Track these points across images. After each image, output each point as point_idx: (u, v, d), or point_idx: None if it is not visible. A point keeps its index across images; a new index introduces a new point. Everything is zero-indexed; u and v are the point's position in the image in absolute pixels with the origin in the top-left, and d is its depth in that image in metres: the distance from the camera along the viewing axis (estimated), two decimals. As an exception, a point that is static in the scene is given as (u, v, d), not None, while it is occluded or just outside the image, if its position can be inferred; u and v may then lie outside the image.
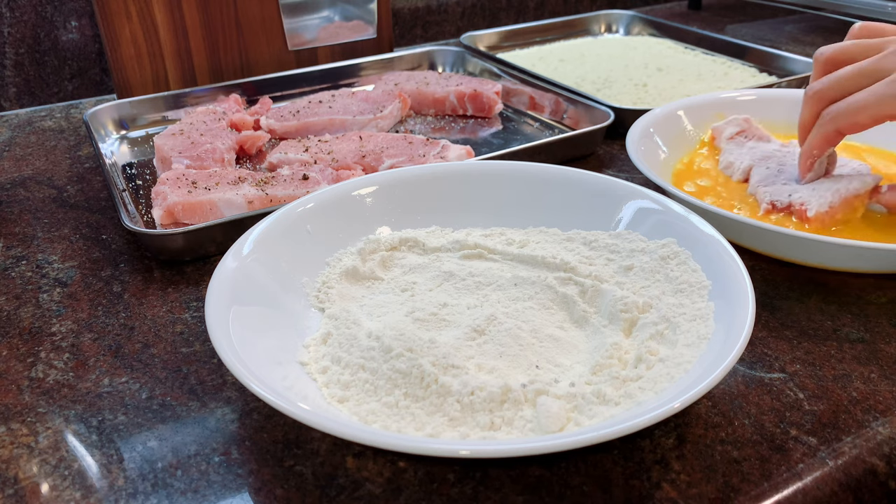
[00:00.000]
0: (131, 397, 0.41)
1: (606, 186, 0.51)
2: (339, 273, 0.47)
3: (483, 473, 0.35)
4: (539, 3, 1.23)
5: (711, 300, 0.40)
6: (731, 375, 0.41)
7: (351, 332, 0.41)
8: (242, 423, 0.39)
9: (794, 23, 1.19)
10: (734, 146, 0.63)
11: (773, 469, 0.35)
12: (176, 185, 0.57)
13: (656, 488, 0.34)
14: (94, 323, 0.47)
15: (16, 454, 0.37)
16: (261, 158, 0.70)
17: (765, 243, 0.50)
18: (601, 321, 0.42)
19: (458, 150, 0.65)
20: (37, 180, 0.67)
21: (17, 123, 0.80)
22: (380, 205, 0.52)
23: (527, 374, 0.38)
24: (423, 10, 1.11)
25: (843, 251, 0.47)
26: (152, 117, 0.77)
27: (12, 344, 0.45)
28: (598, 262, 0.46)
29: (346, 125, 0.73)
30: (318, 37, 0.91)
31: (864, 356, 0.43)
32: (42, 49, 0.87)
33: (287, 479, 0.35)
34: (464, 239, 0.49)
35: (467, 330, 0.40)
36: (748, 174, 0.59)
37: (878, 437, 0.37)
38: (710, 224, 0.45)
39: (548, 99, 0.78)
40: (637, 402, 0.35)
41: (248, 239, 0.45)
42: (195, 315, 0.47)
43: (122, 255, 0.54)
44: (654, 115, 0.63)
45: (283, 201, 0.56)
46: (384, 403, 0.36)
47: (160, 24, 0.81)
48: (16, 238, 0.57)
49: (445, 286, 0.46)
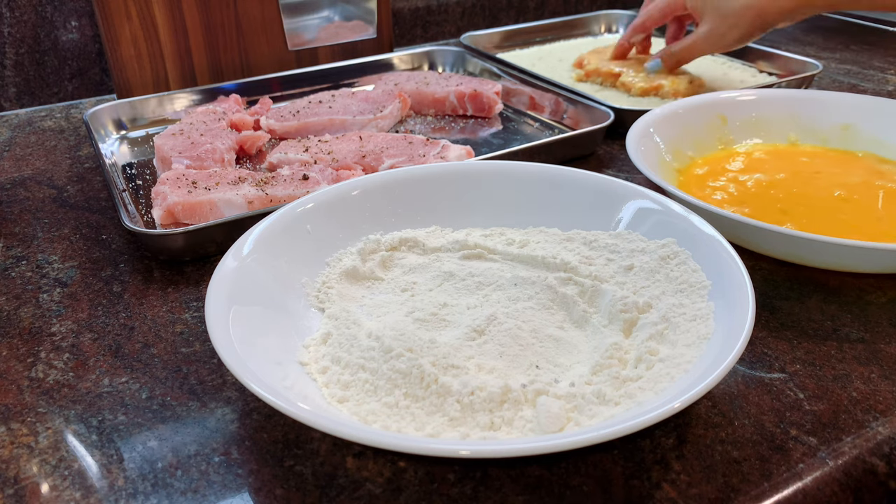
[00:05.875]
0: (131, 397, 0.41)
1: (606, 186, 0.51)
2: (339, 273, 0.47)
3: (483, 473, 0.35)
4: (539, 3, 1.23)
5: (711, 300, 0.40)
6: (731, 375, 0.41)
7: (351, 332, 0.41)
8: (242, 423, 0.39)
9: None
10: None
11: (773, 469, 0.35)
12: (176, 185, 0.57)
13: (656, 488, 0.34)
14: (94, 323, 0.47)
15: (16, 454, 0.37)
16: (261, 158, 0.70)
17: (765, 243, 0.50)
18: (601, 321, 0.42)
19: (458, 150, 0.65)
20: (37, 180, 0.67)
21: (17, 123, 0.80)
22: (380, 205, 0.52)
23: (527, 375, 0.38)
24: (423, 10, 1.11)
25: (843, 251, 0.47)
26: (152, 117, 0.77)
27: (12, 344, 0.45)
28: (598, 262, 0.46)
29: (346, 125, 0.73)
30: (318, 37, 0.91)
31: (864, 356, 0.43)
32: (42, 49, 0.87)
33: (287, 479, 0.35)
34: (464, 239, 0.49)
35: (467, 330, 0.40)
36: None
37: (878, 437, 0.37)
38: (710, 224, 0.45)
39: (548, 99, 0.78)
40: (637, 402, 0.35)
41: (248, 239, 0.45)
42: (195, 315, 0.47)
43: (122, 255, 0.54)
44: (654, 115, 0.63)
45: (283, 201, 0.56)
46: (384, 403, 0.36)
47: (160, 24, 0.81)
48: (16, 238, 0.57)
49: (445, 286, 0.46)
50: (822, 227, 0.53)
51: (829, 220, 0.54)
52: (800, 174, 0.61)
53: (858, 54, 1.02)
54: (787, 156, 0.65)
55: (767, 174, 0.61)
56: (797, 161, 0.64)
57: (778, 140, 0.68)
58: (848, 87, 0.90)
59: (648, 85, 0.81)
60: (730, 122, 0.67)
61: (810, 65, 0.84)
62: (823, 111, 0.68)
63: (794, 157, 0.65)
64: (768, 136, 0.68)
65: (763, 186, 0.59)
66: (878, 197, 0.57)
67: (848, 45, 1.06)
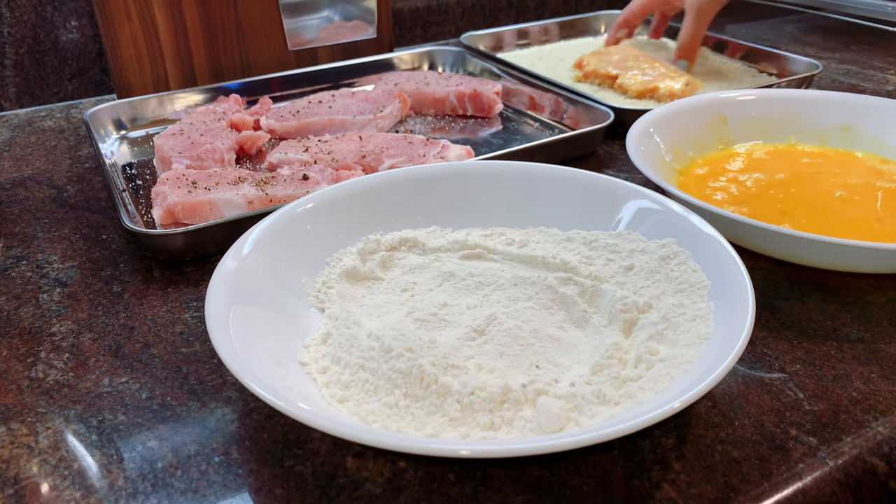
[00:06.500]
0: (131, 397, 0.41)
1: (606, 186, 0.51)
2: (339, 273, 0.47)
3: (483, 473, 0.35)
4: (539, 3, 1.23)
5: (711, 300, 0.40)
6: (731, 375, 0.41)
7: (351, 332, 0.41)
8: (242, 423, 0.39)
9: (794, 23, 1.19)
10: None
11: (773, 469, 0.35)
12: (176, 185, 0.57)
13: (656, 488, 0.34)
14: (94, 323, 0.47)
15: (16, 454, 0.37)
16: (261, 158, 0.70)
17: (765, 243, 0.50)
18: (601, 321, 0.42)
19: (458, 150, 0.65)
20: (37, 180, 0.67)
21: (17, 123, 0.80)
22: (380, 205, 0.52)
23: (527, 375, 0.38)
24: (423, 10, 1.11)
25: (843, 251, 0.47)
26: (152, 117, 0.77)
27: (12, 344, 0.45)
28: (598, 262, 0.46)
29: (346, 125, 0.73)
30: (318, 37, 0.91)
31: (864, 356, 0.43)
32: (42, 49, 0.87)
33: (287, 479, 0.35)
34: (464, 239, 0.49)
35: (467, 330, 0.40)
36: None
37: (878, 437, 0.37)
38: (710, 224, 0.45)
39: (548, 99, 0.78)
40: (637, 402, 0.35)
41: (248, 239, 0.45)
42: (195, 315, 0.47)
43: (122, 255, 0.54)
44: (654, 115, 0.63)
45: (283, 201, 0.56)
46: (384, 403, 0.36)
47: (160, 24, 0.81)
48: (16, 238, 0.57)
49: (445, 286, 0.46)
50: (822, 227, 0.53)
51: (829, 221, 0.54)
52: (800, 174, 0.61)
53: (858, 54, 1.02)
54: (787, 156, 0.65)
55: (767, 174, 0.61)
56: (797, 161, 0.64)
57: (778, 140, 0.68)
58: (848, 87, 0.90)
59: (644, 87, 0.81)
60: (730, 122, 0.67)
61: (810, 65, 0.84)
62: (823, 111, 0.68)
63: (795, 158, 0.65)
64: (768, 136, 0.68)
65: (763, 186, 0.59)
66: (877, 197, 0.57)
67: (848, 45, 1.06)
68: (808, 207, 0.56)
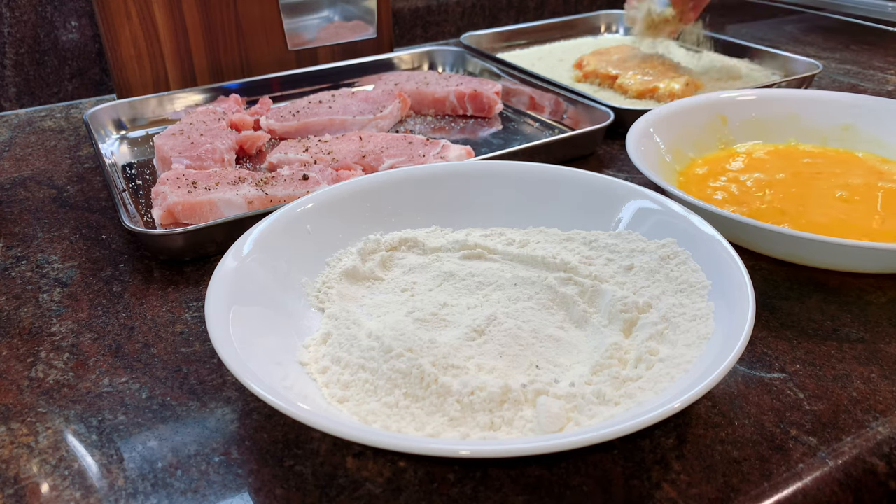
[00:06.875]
0: (131, 397, 0.41)
1: (606, 186, 0.51)
2: (339, 273, 0.47)
3: (483, 473, 0.35)
4: (539, 3, 1.23)
5: (711, 300, 0.40)
6: (731, 375, 0.41)
7: (351, 332, 0.41)
8: (242, 423, 0.39)
9: (794, 23, 1.19)
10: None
11: (773, 469, 0.35)
12: (176, 185, 0.57)
13: (656, 488, 0.34)
14: (94, 323, 0.47)
15: (16, 454, 0.37)
16: (261, 158, 0.70)
17: (765, 243, 0.50)
18: (601, 321, 0.42)
19: (458, 150, 0.65)
20: (37, 180, 0.67)
21: (17, 123, 0.80)
22: (380, 205, 0.52)
23: (527, 375, 0.38)
24: (423, 10, 1.11)
25: (843, 251, 0.47)
26: (152, 117, 0.77)
27: (12, 344, 0.45)
28: (598, 262, 0.46)
29: (346, 125, 0.73)
30: (318, 37, 0.91)
31: (864, 356, 0.43)
32: (42, 49, 0.87)
33: (287, 479, 0.35)
34: (464, 239, 0.49)
35: (467, 330, 0.40)
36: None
37: (878, 437, 0.37)
38: (710, 224, 0.45)
39: (548, 99, 0.78)
40: (637, 402, 0.35)
41: (248, 239, 0.45)
42: (195, 315, 0.47)
43: (122, 255, 0.54)
44: (654, 115, 0.63)
45: (283, 201, 0.56)
46: (384, 403, 0.36)
47: (160, 24, 0.81)
48: (16, 238, 0.57)
49: (445, 286, 0.46)
50: (822, 227, 0.53)
51: (829, 221, 0.54)
52: (800, 174, 0.61)
53: (858, 54, 1.02)
54: (787, 156, 0.65)
55: (768, 174, 0.61)
56: (797, 161, 0.64)
57: (778, 140, 0.68)
58: (848, 87, 0.90)
59: (644, 87, 0.81)
60: (730, 122, 0.67)
61: (810, 65, 0.84)
62: (823, 111, 0.68)
63: (795, 158, 0.65)
64: (768, 136, 0.68)
65: (763, 186, 0.59)
66: (878, 197, 0.57)
67: (848, 45, 1.06)
68: (808, 207, 0.56)
